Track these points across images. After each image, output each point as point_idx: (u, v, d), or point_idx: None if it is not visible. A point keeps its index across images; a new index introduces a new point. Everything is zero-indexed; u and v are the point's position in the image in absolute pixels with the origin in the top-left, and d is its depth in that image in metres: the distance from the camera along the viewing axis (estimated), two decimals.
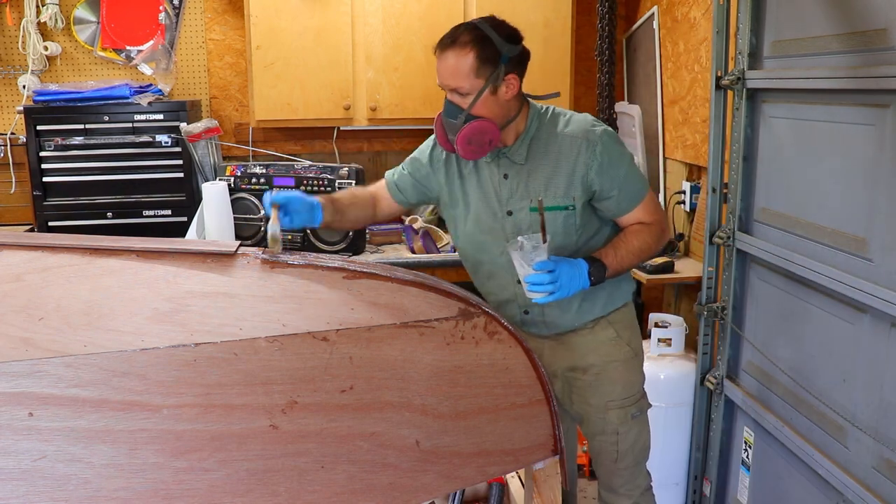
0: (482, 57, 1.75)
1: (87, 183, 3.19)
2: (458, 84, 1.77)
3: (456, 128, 1.79)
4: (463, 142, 1.78)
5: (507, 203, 1.89)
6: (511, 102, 1.83)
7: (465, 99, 1.78)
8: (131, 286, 1.38)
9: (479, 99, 1.77)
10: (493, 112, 1.80)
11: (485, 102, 1.78)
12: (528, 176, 1.87)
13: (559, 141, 1.85)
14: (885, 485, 1.88)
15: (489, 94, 1.78)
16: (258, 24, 3.18)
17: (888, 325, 1.87)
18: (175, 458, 1.27)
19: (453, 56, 1.76)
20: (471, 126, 1.77)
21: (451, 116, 1.81)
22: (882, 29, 1.86)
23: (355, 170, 3.18)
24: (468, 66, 1.75)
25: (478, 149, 1.80)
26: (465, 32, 1.77)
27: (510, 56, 1.78)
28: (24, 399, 1.21)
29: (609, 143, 1.84)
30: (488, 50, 1.75)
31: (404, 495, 1.45)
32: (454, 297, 1.57)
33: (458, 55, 1.75)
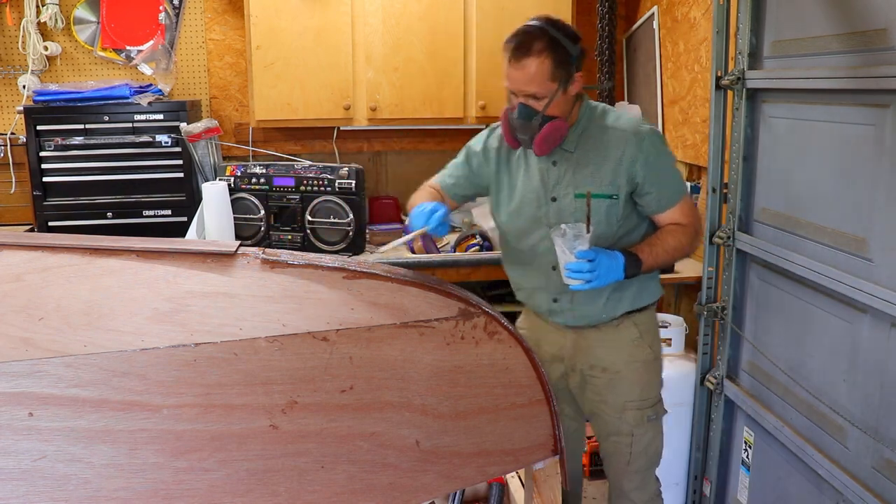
0: (557, 62, 1.81)
1: (87, 183, 3.19)
2: (536, 90, 1.83)
3: (532, 129, 1.86)
4: (541, 142, 1.87)
5: (552, 189, 1.95)
6: (573, 97, 1.92)
7: (539, 102, 1.85)
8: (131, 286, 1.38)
9: (553, 100, 1.84)
10: (563, 110, 1.88)
11: (557, 102, 1.86)
12: (576, 164, 1.93)
13: (608, 133, 1.92)
14: (885, 485, 1.88)
15: (562, 93, 1.85)
16: (258, 24, 3.18)
17: (888, 325, 1.87)
18: (175, 458, 1.27)
19: (531, 63, 1.80)
20: (548, 127, 1.85)
21: (526, 118, 1.86)
22: (882, 29, 1.86)
23: (355, 170, 3.18)
24: (546, 72, 1.81)
25: (550, 146, 1.89)
26: (538, 39, 1.81)
27: (576, 55, 1.85)
28: (24, 399, 1.21)
29: (655, 140, 1.91)
30: (561, 54, 1.82)
31: (404, 495, 1.45)
32: (454, 297, 1.58)
33: (535, 62, 1.80)
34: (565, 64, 1.82)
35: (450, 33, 3.27)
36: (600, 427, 2.07)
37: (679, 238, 1.91)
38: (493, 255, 3.15)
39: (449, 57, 3.28)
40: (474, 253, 3.17)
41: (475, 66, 3.31)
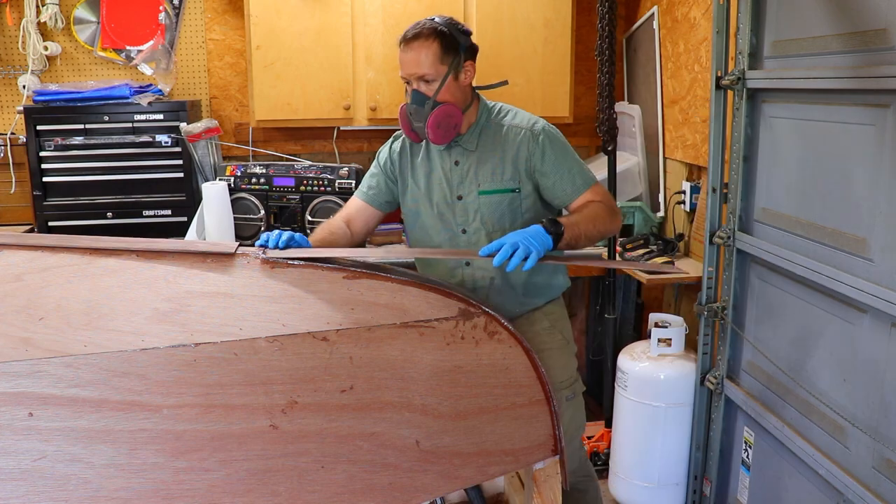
0: (444, 45, 1.92)
1: (87, 183, 3.19)
2: (425, 71, 1.92)
3: (424, 114, 1.93)
4: (433, 126, 1.92)
5: (457, 188, 2.02)
6: (468, 90, 2.01)
7: (430, 86, 1.93)
8: (131, 286, 1.38)
9: (443, 85, 1.93)
10: (456, 98, 1.96)
11: (448, 88, 1.94)
12: (476, 162, 2.00)
13: (505, 131, 2.00)
14: (885, 485, 1.88)
15: (452, 79, 1.94)
16: (258, 24, 3.18)
17: (888, 325, 1.87)
18: (175, 458, 1.27)
19: (419, 46, 1.92)
20: (439, 110, 1.92)
21: (419, 104, 1.94)
22: (882, 29, 1.86)
23: (355, 170, 3.18)
24: (434, 54, 1.91)
25: (445, 133, 1.95)
26: (426, 28, 1.94)
27: (466, 45, 1.96)
28: (24, 399, 1.21)
29: (550, 134, 2.00)
30: (449, 39, 1.93)
31: (404, 495, 1.45)
32: (454, 297, 1.57)
33: (423, 45, 1.91)
34: (453, 49, 1.93)
35: None
36: None
37: (594, 208, 1.93)
38: None
39: None
40: None
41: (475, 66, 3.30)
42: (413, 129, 1.99)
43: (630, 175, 3.44)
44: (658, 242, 3.12)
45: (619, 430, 2.87)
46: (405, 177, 2.11)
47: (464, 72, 1.97)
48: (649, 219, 3.35)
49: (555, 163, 1.97)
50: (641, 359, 2.75)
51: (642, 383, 2.73)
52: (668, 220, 3.32)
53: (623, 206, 3.30)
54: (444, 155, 2.04)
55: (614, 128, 2.95)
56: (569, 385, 2.10)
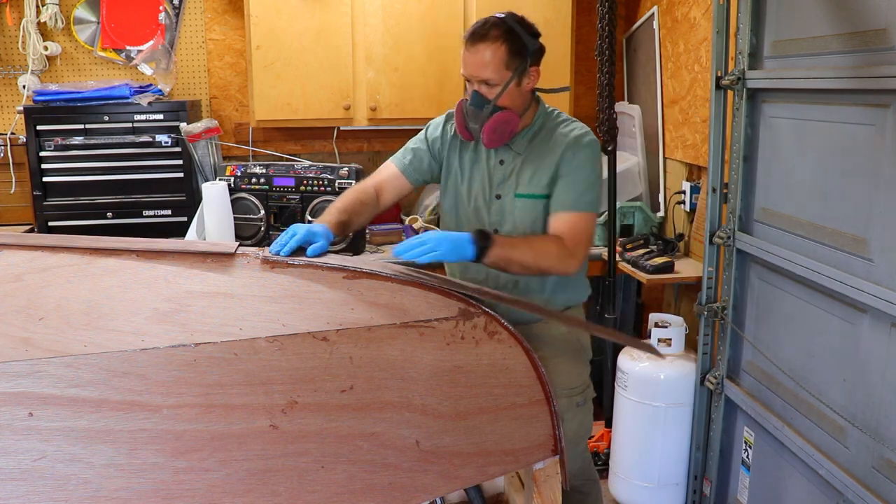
0: (512, 50, 1.86)
1: (87, 183, 3.19)
2: (489, 76, 1.86)
3: (482, 117, 1.89)
4: (489, 131, 1.89)
5: (497, 187, 1.99)
6: (529, 94, 1.95)
7: (492, 90, 1.88)
8: (131, 286, 1.38)
9: (505, 90, 1.87)
10: (516, 103, 1.91)
11: (510, 93, 1.88)
12: (521, 165, 1.97)
13: (555, 138, 1.96)
14: (885, 485, 1.88)
15: (514, 85, 1.88)
16: (258, 24, 3.18)
17: (888, 325, 1.87)
18: (175, 458, 1.27)
19: (486, 49, 1.85)
20: (497, 116, 1.88)
21: (477, 106, 1.89)
22: (882, 29, 1.86)
23: (355, 170, 3.18)
24: (500, 59, 1.85)
25: (500, 137, 1.91)
26: (494, 27, 1.86)
27: (533, 49, 1.89)
28: (24, 399, 1.21)
29: (589, 147, 1.94)
30: (517, 43, 1.86)
31: (404, 495, 1.45)
32: (454, 297, 1.57)
33: (490, 48, 1.85)
34: (520, 54, 1.87)
35: (450, 33, 3.26)
36: None
37: (547, 243, 1.85)
38: None
39: (449, 57, 3.28)
40: None
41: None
42: (468, 128, 1.95)
43: (630, 175, 3.44)
44: (658, 242, 3.12)
45: (619, 430, 2.87)
46: (451, 162, 2.07)
47: (528, 77, 1.91)
48: (649, 219, 3.35)
49: (571, 170, 1.91)
50: (641, 359, 2.75)
51: (642, 383, 2.73)
52: (668, 220, 3.32)
53: (623, 206, 3.30)
54: (491, 152, 2.00)
55: (614, 128, 2.95)
56: (581, 391, 2.08)
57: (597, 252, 3.23)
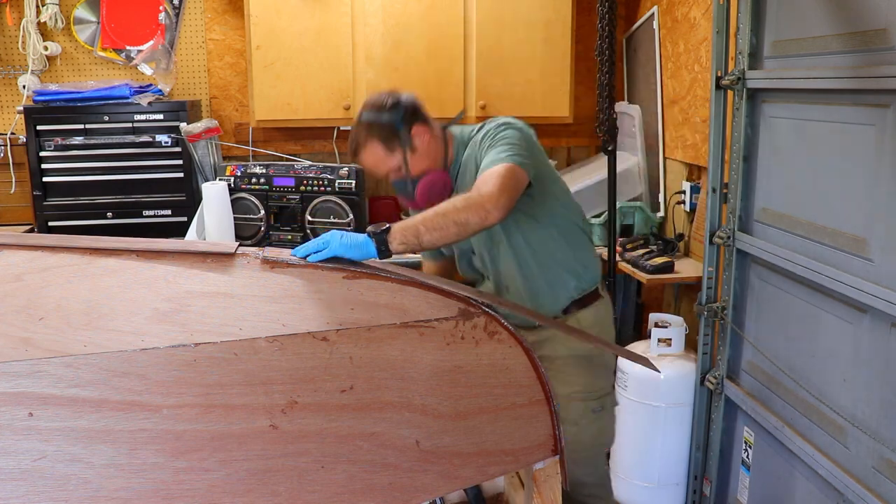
0: (383, 137, 1.89)
1: (87, 183, 3.19)
2: (385, 168, 1.93)
3: (413, 196, 1.94)
4: (425, 202, 1.88)
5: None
6: (434, 145, 1.95)
7: (399, 172, 1.93)
8: (131, 286, 1.38)
9: (408, 164, 1.91)
10: (427, 162, 1.94)
11: (414, 162, 1.92)
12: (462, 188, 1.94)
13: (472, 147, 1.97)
14: (886, 485, 1.88)
15: (411, 155, 1.91)
16: (258, 24, 3.18)
17: (888, 325, 1.87)
18: (175, 458, 1.27)
19: (366, 156, 1.92)
20: (421, 187, 1.92)
21: (401, 191, 1.97)
22: (882, 29, 1.86)
23: (355, 170, 3.18)
24: (380, 154, 1.91)
25: (442, 195, 1.91)
26: (358, 134, 1.92)
27: (400, 118, 1.90)
28: (24, 399, 1.21)
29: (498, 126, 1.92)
30: (383, 129, 1.89)
31: (404, 495, 1.45)
32: (454, 297, 1.57)
33: (368, 153, 1.91)
34: (394, 133, 1.89)
35: (450, 33, 3.27)
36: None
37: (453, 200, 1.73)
38: None
39: (449, 57, 3.28)
40: None
41: (475, 67, 3.31)
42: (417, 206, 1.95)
43: (630, 175, 3.44)
44: (658, 242, 3.12)
45: (619, 430, 2.86)
46: None
47: (416, 139, 1.91)
48: (649, 219, 3.35)
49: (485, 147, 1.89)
50: None
51: (642, 383, 2.73)
52: (668, 220, 3.32)
53: (623, 206, 3.30)
54: None
55: (614, 128, 2.95)
56: (597, 398, 2.04)
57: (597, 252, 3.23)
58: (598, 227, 3.33)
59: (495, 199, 1.70)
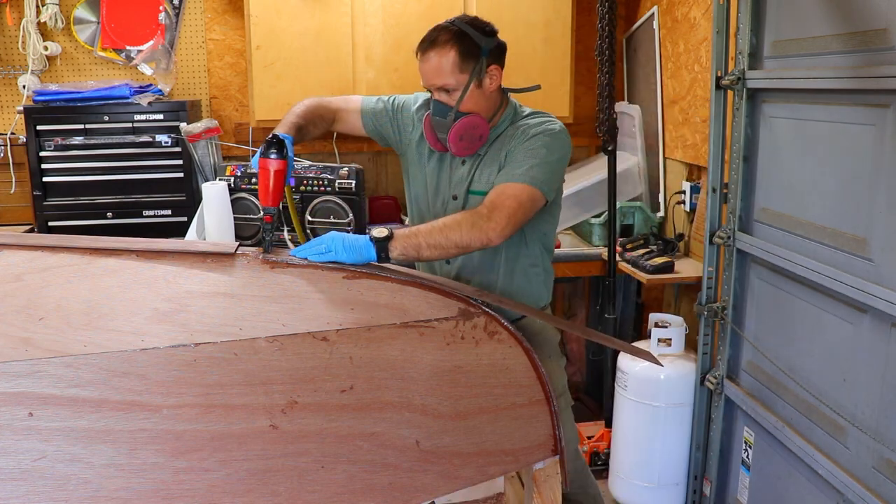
0: (463, 52, 1.81)
1: (87, 183, 3.19)
2: (445, 81, 1.82)
3: (447, 126, 1.84)
4: (455, 139, 1.83)
5: (454, 187, 1.96)
6: (495, 95, 1.90)
7: (451, 96, 1.84)
8: (131, 286, 1.38)
9: (465, 94, 1.83)
10: (480, 106, 1.86)
11: (471, 97, 1.84)
12: (481, 164, 1.92)
13: (512, 134, 1.89)
14: (886, 485, 1.88)
15: (475, 87, 1.84)
16: (258, 24, 3.18)
17: (888, 325, 1.87)
18: (175, 458, 1.27)
19: (436, 55, 1.82)
20: (461, 122, 1.83)
21: (440, 115, 1.85)
22: (882, 29, 1.86)
23: (355, 170, 3.18)
24: (452, 63, 1.81)
25: (469, 144, 1.86)
26: (443, 32, 1.83)
27: (489, 48, 1.84)
28: (24, 399, 1.21)
29: (545, 133, 1.84)
30: (468, 44, 1.82)
31: (404, 495, 1.45)
32: (454, 297, 1.57)
33: (440, 53, 1.81)
34: (473, 55, 1.82)
35: None
36: None
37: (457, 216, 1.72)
38: None
39: None
40: None
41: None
42: (438, 139, 1.90)
43: (630, 175, 3.44)
44: (658, 242, 3.12)
45: (619, 430, 2.87)
46: (413, 151, 2.02)
47: (488, 77, 1.85)
48: (649, 219, 3.35)
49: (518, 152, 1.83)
50: None
51: (642, 383, 2.73)
52: (668, 220, 3.32)
53: (623, 206, 3.30)
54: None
55: (614, 128, 2.95)
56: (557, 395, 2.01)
57: (597, 252, 3.23)
58: (598, 227, 3.33)
59: (501, 227, 1.71)
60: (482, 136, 1.86)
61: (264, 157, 1.64)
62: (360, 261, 1.57)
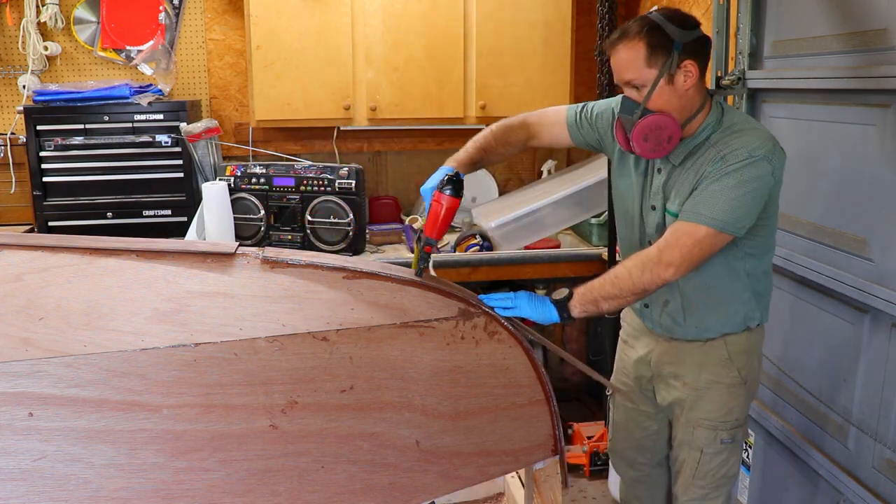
0: (653, 44, 1.66)
1: (87, 183, 3.19)
2: (632, 76, 1.69)
3: (632, 123, 1.71)
4: (639, 138, 1.70)
5: (652, 196, 1.84)
6: (692, 94, 1.71)
7: (640, 92, 1.70)
8: (131, 286, 1.38)
9: (654, 90, 1.68)
10: (672, 104, 1.69)
11: (661, 94, 1.68)
12: (675, 177, 1.78)
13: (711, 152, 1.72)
14: (886, 485, 1.88)
15: (665, 83, 1.68)
16: (258, 24, 3.18)
17: (889, 325, 1.87)
18: (175, 458, 1.27)
19: (624, 48, 1.69)
20: (647, 120, 1.68)
21: (626, 112, 1.73)
22: (882, 29, 1.86)
23: (355, 170, 3.18)
24: (639, 55, 1.67)
25: (655, 146, 1.71)
26: (634, 24, 1.70)
27: (684, 42, 1.66)
28: (24, 399, 1.21)
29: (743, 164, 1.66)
30: (659, 37, 1.66)
31: (404, 495, 1.45)
32: (454, 297, 1.57)
33: (628, 46, 1.68)
34: (664, 48, 1.65)
35: (450, 33, 3.27)
36: (675, 432, 2.00)
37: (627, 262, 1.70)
38: (492, 255, 3.15)
39: (449, 57, 3.28)
40: (474, 253, 3.17)
41: (475, 66, 3.31)
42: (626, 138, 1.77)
43: None
44: None
45: None
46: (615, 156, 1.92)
47: (682, 73, 1.67)
48: None
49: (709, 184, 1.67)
50: None
51: None
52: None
53: None
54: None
55: None
56: (728, 428, 1.89)
57: (597, 252, 3.23)
58: (598, 227, 3.32)
59: (674, 268, 1.66)
60: (671, 136, 1.69)
61: (440, 192, 1.67)
62: (543, 320, 1.66)
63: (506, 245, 3.23)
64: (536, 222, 3.27)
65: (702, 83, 1.73)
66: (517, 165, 3.85)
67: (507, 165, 3.85)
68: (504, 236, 3.23)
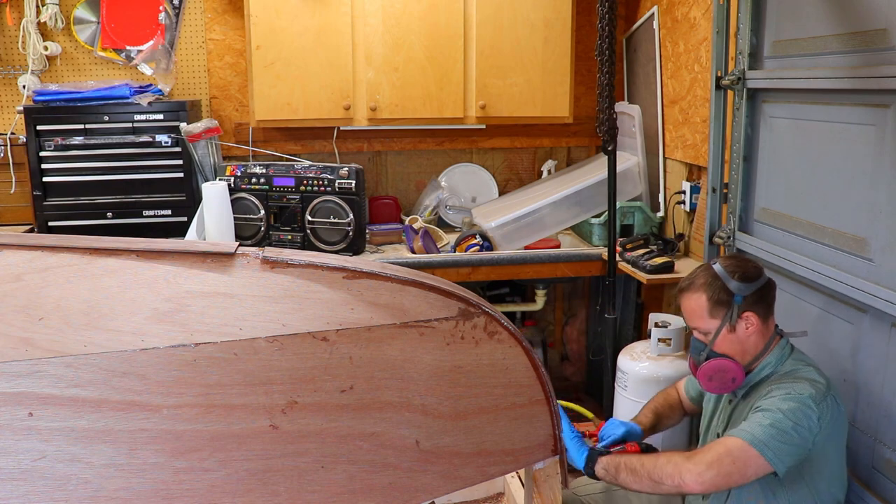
0: (714, 298, 1.82)
1: (87, 183, 3.19)
2: (696, 324, 1.86)
3: (698, 363, 1.87)
4: (704, 378, 1.85)
5: (719, 423, 1.97)
6: (754, 339, 1.84)
7: (706, 337, 1.86)
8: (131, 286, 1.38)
9: (717, 337, 1.83)
10: (734, 349, 1.84)
11: (724, 340, 1.83)
12: (741, 409, 1.87)
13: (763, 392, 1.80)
14: (886, 485, 1.88)
15: (727, 332, 1.82)
16: (258, 24, 3.18)
17: (888, 325, 1.87)
18: (175, 458, 1.27)
19: (688, 299, 1.86)
20: (710, 364, 1.83)
21: (695, 353, 1.89)
22: (882, 29, 1.86)
23: (355, 170, 3.18)
24: (702, 307, 1.83)
25: (720, 385, 1.85)
26: (699, 275, 1.87)
27: (745, 295, 1.80)
28: (24, 399, 1.21)
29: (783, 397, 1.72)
30: (719, 290, 1.81)
31: (404, 495, 1.45)
32: (454, 297, 1.57)
33: (691, 298, 1.85)
34: (724, 301, 1.81)
35: (450, 33, 3.27)
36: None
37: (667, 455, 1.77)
38: (492, 255, 3.15)
39: (449, 57, 3.28)
40: (474, 253, 3.17)
41: (475, 66, 3.31)
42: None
43: (630, 175, 3.45)
44: (658, 242, 3.12)
45: None
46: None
47: (743, 322, 1.81)
48: (649, 219, 3.35)
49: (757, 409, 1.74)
50: (641, 359, 2.75)
51: (642, 383, 2.72)
52: (668, 220, 3.32)
53: (623, 206, 3.30)
54: None
55: (614, 128, 2.95)
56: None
57: (597, 252, 3.23)
58: (598, 226, 3.33)
59: (698, 472, 1.67)
60: (735, 378, 1.83)
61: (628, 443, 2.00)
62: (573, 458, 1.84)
63: (506, 245, 3.24)
64: (536, 222, 3.28)
65: (766, 328, 1.85)
66: (517, 165, 3.85)
67: (507, 165, 3.85)
68: (504, 236, 3.24)
